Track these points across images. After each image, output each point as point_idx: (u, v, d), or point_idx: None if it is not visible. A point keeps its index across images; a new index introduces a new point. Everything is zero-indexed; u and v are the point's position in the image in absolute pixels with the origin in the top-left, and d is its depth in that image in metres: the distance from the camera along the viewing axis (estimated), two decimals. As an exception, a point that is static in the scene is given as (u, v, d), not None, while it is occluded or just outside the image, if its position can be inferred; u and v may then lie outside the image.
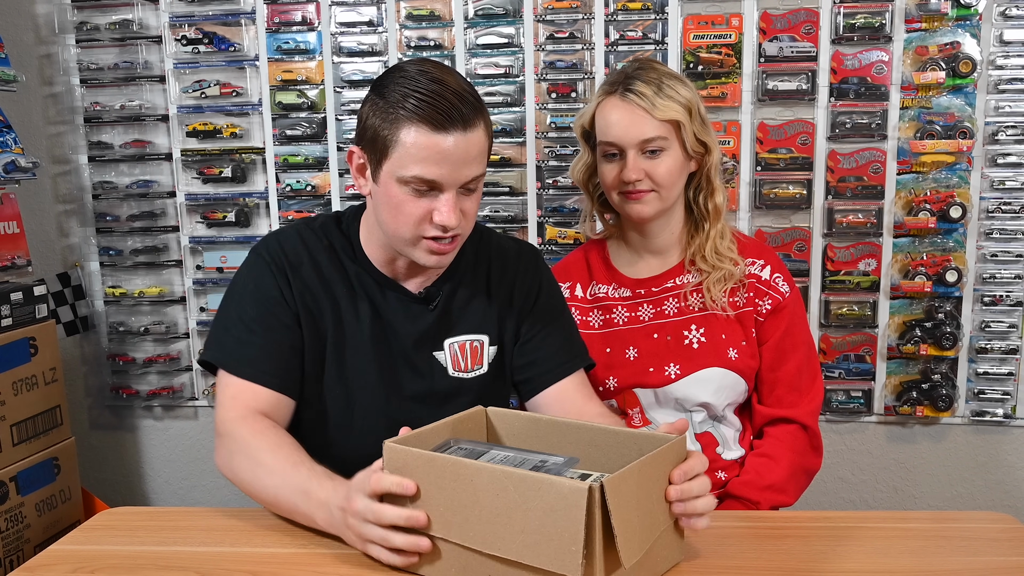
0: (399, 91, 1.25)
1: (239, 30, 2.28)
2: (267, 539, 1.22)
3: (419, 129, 1.24)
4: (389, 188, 1.29)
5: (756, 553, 1.15)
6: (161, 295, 2.42)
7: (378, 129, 1.27)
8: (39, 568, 1.15)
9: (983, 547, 1.17)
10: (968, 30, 2.05)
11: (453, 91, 1.25)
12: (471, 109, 1.26)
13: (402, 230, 1.31)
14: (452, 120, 1.23)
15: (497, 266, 1.51)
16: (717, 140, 1.66)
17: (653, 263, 1.71)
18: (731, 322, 1.63)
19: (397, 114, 1.25)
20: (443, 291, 1.45)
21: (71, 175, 2.42)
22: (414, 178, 1.26)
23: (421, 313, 1.44)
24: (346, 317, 1.41)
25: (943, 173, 2.11)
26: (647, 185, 1.58)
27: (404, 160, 1.25)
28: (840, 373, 2.22)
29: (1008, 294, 2.15)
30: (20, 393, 2.03)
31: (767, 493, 1.56)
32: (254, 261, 1.42)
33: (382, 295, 1.43)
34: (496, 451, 1.11)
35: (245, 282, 1.42)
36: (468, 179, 1.28)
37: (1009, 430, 2.23)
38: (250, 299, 1.39)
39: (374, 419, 1.41)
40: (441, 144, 1.24)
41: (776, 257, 1.71)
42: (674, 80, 1.59)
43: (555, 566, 0.93)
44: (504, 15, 2.20)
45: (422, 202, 1.28)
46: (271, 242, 1.43)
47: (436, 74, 1.27)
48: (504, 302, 1.49)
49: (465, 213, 1.31)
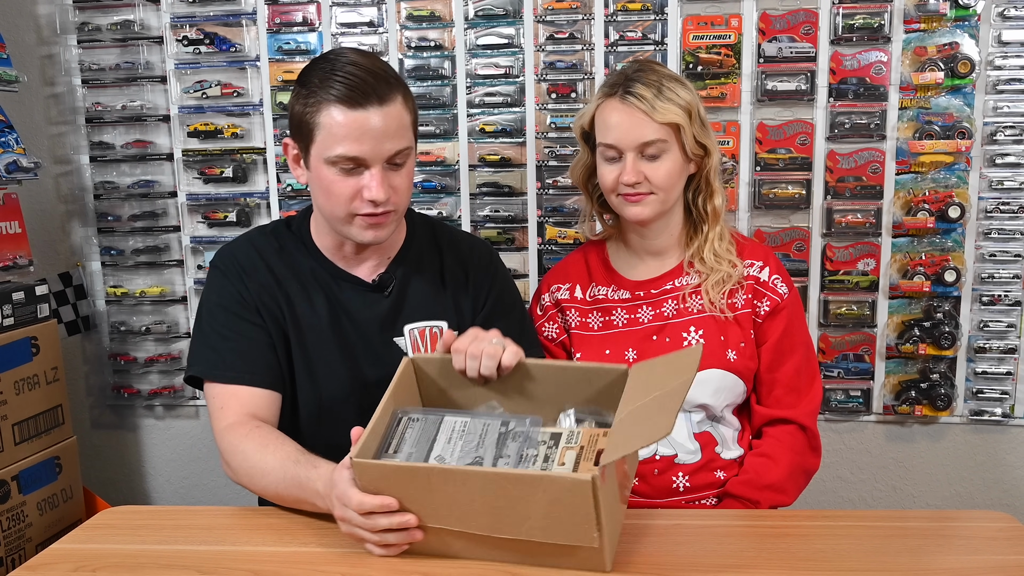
0: (318, 76, 1.32)
1: (240, 31, 2.29)
2: (268, 538, 1.23)
3: (338, 108, 1.30)
4: (319, 171, 1.35)
5: (756, 552, 1.16)
6: (162, 295, 2.43)
7: (302, 115, 1.33)
8: (41, 567, 1.16)
9: (981, 546, 1.18)
10: (967, 31, 2.05)
11: (367, 70, 1.31)
12: (386, 85, 1.31)
13: (336, 209, 1.36)
14: (368, 96, 1.29)
15: (450, 254, 1.57)
16: (717, 142, 1.66)
17: (652, 265, 1.71)
18: (730, 324, 1.63)
19: (318, 97, 1.31)
20: (396, 277, 1.50)
21: (73, 175, 2.43)
22: (339, 157, 1.31)
23: (377, 300, 1.49)
24: (301, 311, 1.46)
25: (942, 173, 2.11)
26: (646, 188, 1.58)
27: (328, 141, 1.31)
28: (839, 372, 2.23)
29: (1006, 294, 2.15)
30: (22, 392, 2.04)
31: (766, 493, 1.57)
32: (212, 275, 1.50)
33: (337, 286, 1.48)
34: (451, 418, 1.18)
35: (208, 296, 1.48)
36: (392, 153, 1.33)
37: (1007, 429, 2.24)
38: (216, 309, 1.46)
39: (341, 407, 1.45)
40: (360, 120, 1.29)
41: (775, 258, 1.71)
42: (674, 82, 1.59)
43: (572, 540, 1.04)
44: (504, 16, 2.20)
45: (350, 180, 1.34)
46: (224, 253, 1.50)
47: (352, 56, 1.33)
48: (460, 287, 1.54)
49: (395, 188, 1.36)
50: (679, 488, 1.59)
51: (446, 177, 2.28)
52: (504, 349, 1.26)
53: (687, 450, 1.60)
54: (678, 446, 1.60)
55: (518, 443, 1.14)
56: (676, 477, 1.59)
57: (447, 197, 2.28)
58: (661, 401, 1.08)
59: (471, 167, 2.26)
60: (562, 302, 1.74)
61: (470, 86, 2.23)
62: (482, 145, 2.25)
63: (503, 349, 1.26)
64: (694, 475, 1.60)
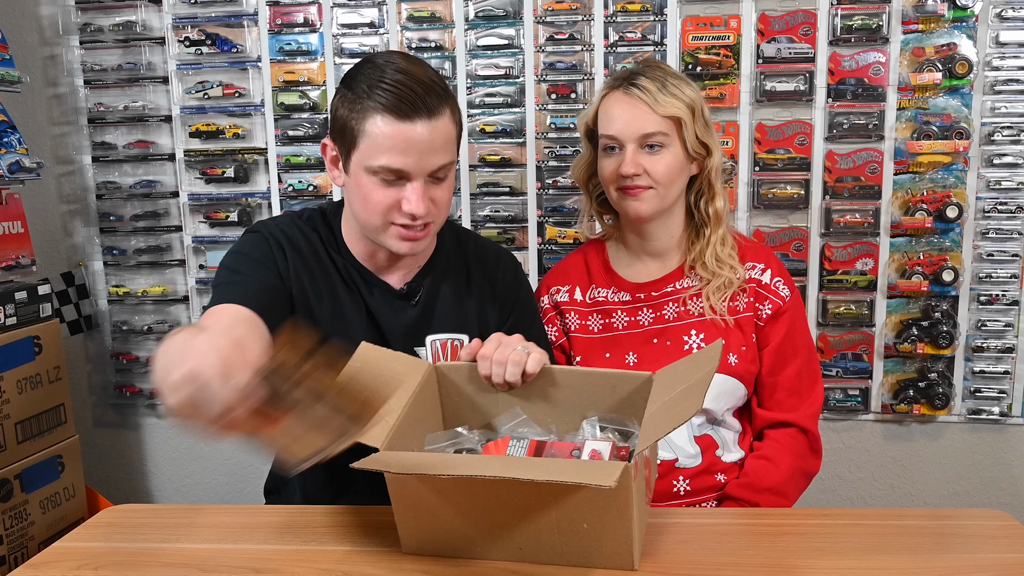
0: (366, 82, 1.27)
1: (242, 31, 2.30)
2: (269, 536, 1.23)
3: (384, 118, 1.25)
4: (359, 178, 1.31)
5: (754, 550, 1.16)
6: (164, 294, 2.44)
7: (346, 120, 1.29)
8: (43, 565, 1.16)
9: (979, 544, 1.18)
10: (964, 31, 2.06)
11: (417, 80, 1.26)
12: (436, 98, 1.27)
13: (372, 218, 1.32)
14: (416, 109, 1.24)
15: (477, 265, 1.53)
16: (720, 144, 1.65)
17: (652, 266, 1.70)
18: (731, 328, 1.62)
19: (364, 104, 1.26)
20: (424, 286, 1.47)
21: (75, 175, 2.44)
22: (381, 168, 1.27)
23: (403, 308, 1.45)
24: (344, 309, 1.42)
25: (940, 173, 2.12)
26: (645, 181, 1.57)
27: (371, 150, 1.27)
28: (837, 372, 2.23)
29: (1004, 293, 2.16)
30: (24, 392, 2.04)
31: (766, 496, 1.56)
32: (251, 237, 1.41)
33: (368, 290, 1.44)
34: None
35: (240, 249, 1.39)
36: (435, 167, 1.29)
37: (1005, 428, 2.24)
38: (240, 259, 1.37)
39: None
40: (406, 133, 1.25)
41: (777, 260, 1.70)
42: (679, 80, 1.60)
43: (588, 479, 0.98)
44: (504, 17, 2.21)
45: (390, 191, 1.29)
46: (269, 224, 1.43)
47: (402, 64, 1.28)
48: (486, 296, 1.51)
49: (435, 201, 1.32)
50: (679, 492, 1.59)
51: (446, 177, 2.28)
52: (528, 355, 1.25)
53: (687, 454, 1.59)
54: (678, 450, 1.59)
55: None
56: (676, 481, 1.58)
57: (447, 197, 2.29)
58: (687, 391, 1.09)
59: (471, 167, 2.27)
60: (561, 304, 1.72)
61: (470, 87, 2.24)
62: (482, 145, 2.26)
63: (527, 355, 1.25)
64: (695, 479, 1.59)
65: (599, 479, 0.93)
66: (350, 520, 1.26)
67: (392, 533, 1.15)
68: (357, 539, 1.20)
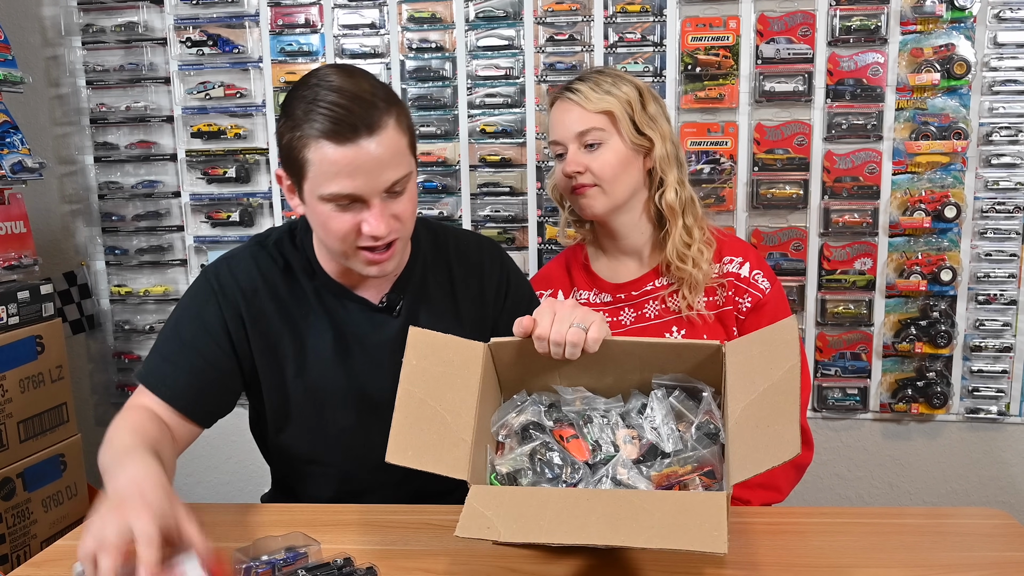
0: (301, 108, 1.20)
1: (243, 32, 2.31)
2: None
3: (326, 144, 1.18)
4: (315, 207, 1.24)
5: (752, 549, 1.16)
6: (166, 294, 2.45)
7: (292, 150, 1.23)
8: (46, 563, 1.17)
9: (977, 543, 1.18)
10: (962, 32, 2.07)
11: (353, 96, 1.18)
12: (376, 111, 1.19)
13: (336, 244, 1.27)
14: (356, 129, 1.17)
15: (459, 262, 1.48)
16: (669, 133, 1.62)
17: (631, 266, 1.70)
18: (711, 322, 1.62)
19: (303, 132, 1.19)
20: (404, 297, 1.41)
21: (77, 175, 2.44)
22: (333, 195, 1.21)
23: (385, 322, 1.40)
24: (307, 339, 1.37)
25: (938, 173, 2.13)
26: (589, 179, 1.58)
27: (320, 178, 1.20)
28: (836, 371, 2.24)
29: (1002, 293, 2.17)
30: (27, 391, 2.05)
31: (758, 491, 1.57)
32: (203, 287, 1.37)
33: (344, 309, 1.39)
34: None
35: (189, 306, 1.37)
36: (390, 183, 1.22)
37: (1003, 427, 2.25)
38: (188, 322, 1.35)
39: (351, 438, 1.39)
40: (351, 156, 1.18)
41: (756, 253, 1.69)
42: (616, 78, 1.60)
43: (698, 546, 0.97)
44: (504, 17, 2.22)
45: (347, 216, 1.23)
46: (222, 270, 1.37)
47: (335, 82, 1.20)
48: (474, 292, 1.46)
49: (398, 216, 1.26)
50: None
51: (447, 177, 2.29)
52: (587, 333, 1.17)
53: None
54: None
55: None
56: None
57: (448, 197, 2.30)
58: (774, 401, 1.05)
59: (472, 167, 2.28)
60: None
61: (471, 87, 2.25)
62: (483, 145, 2.27)
63: (586, 333, 1.18)
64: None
65: (712, 545, 0.95)
66: (352, 519, 1.27)
67: (395, 531, 1.15)
68: (359, 537, 1.21)
